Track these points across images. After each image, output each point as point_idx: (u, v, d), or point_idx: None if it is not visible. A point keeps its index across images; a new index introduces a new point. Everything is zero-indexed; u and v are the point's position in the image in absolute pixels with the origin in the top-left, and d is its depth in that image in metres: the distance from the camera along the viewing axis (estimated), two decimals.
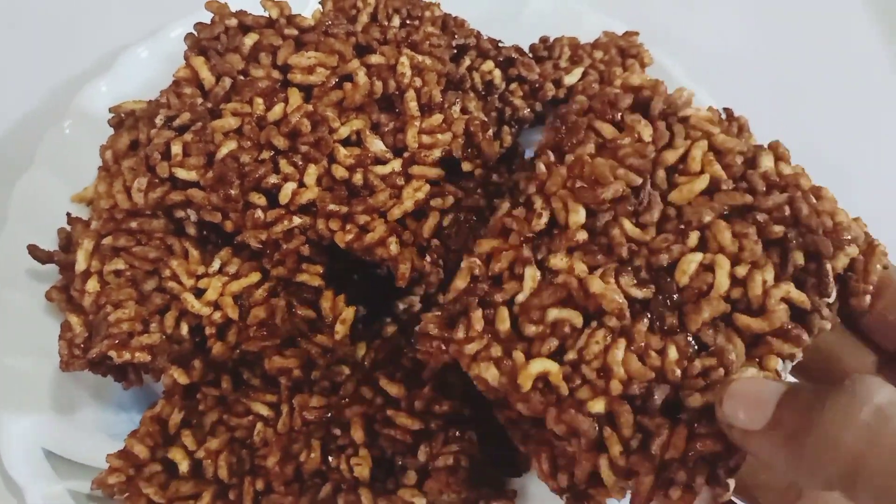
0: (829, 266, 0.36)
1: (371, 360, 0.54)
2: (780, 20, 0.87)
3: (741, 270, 0.36)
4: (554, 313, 0.37)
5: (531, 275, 0.39)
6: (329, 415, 0.51)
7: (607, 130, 0.41)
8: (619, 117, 0.41)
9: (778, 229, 0.36)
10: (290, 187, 0.49)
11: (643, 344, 0.36)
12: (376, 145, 0.51)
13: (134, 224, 0.51)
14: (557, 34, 0.67)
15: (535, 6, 0.74)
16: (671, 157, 0.39)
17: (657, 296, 0.37)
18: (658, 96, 0.41)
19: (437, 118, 0.52)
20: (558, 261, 0.38)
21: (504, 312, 0.38)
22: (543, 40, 0.67)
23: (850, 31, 0.87)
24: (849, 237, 0.37)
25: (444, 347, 0.40)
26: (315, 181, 0.50)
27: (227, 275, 0.51)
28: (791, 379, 0.39)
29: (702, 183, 0.38)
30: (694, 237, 0.37)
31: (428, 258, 0.50)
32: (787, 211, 0.37)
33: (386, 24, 0.58)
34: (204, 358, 0.52)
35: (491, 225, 0.42)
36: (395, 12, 0.60)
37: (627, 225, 0.38)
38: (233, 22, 0.56)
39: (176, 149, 0.50)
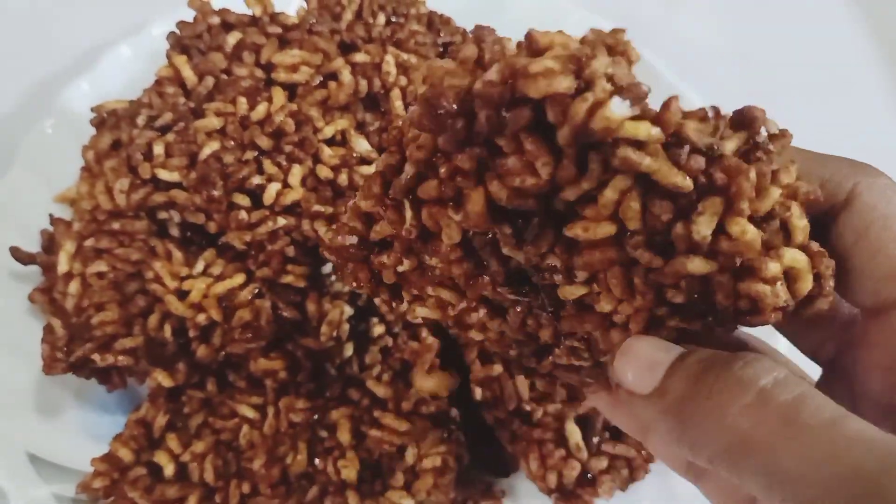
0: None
1: (358, 361, 0.54)
2: (765, 16, 0.87)
3: (620, 317, 0.30)
4: (433, 289, 0.32)
5: (409, 264, 0.32)
6: (315, 416, 0.51)
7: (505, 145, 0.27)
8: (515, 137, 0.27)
9: (679, 299, 0.28)
10: (274, 188, 0.49)
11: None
12: (361, 145, 0.50)
13: (116, 225, 0.51)
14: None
15: (520, 3, 0.74)
16: (572, 194, 0.26)
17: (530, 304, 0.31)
18: (567, 125, 0.24)
19: None
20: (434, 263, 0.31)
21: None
22: None
23: (834, 25, 0.87)
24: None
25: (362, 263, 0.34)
26: (300, 182, 0.49)
27: (211, 276, 0.50)
28: None
29: (606, 230, 0.27)
30: (582, 276, 0.29)
31: None
32: (700, 285, 0.28)
33: (371, 21, 0.58)
34: (188, 360, 0.51)
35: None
36: (380, 9, 0.59)
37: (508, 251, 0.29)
38: (215, 20, 0.55)
39: (158, 149, 0.50)
